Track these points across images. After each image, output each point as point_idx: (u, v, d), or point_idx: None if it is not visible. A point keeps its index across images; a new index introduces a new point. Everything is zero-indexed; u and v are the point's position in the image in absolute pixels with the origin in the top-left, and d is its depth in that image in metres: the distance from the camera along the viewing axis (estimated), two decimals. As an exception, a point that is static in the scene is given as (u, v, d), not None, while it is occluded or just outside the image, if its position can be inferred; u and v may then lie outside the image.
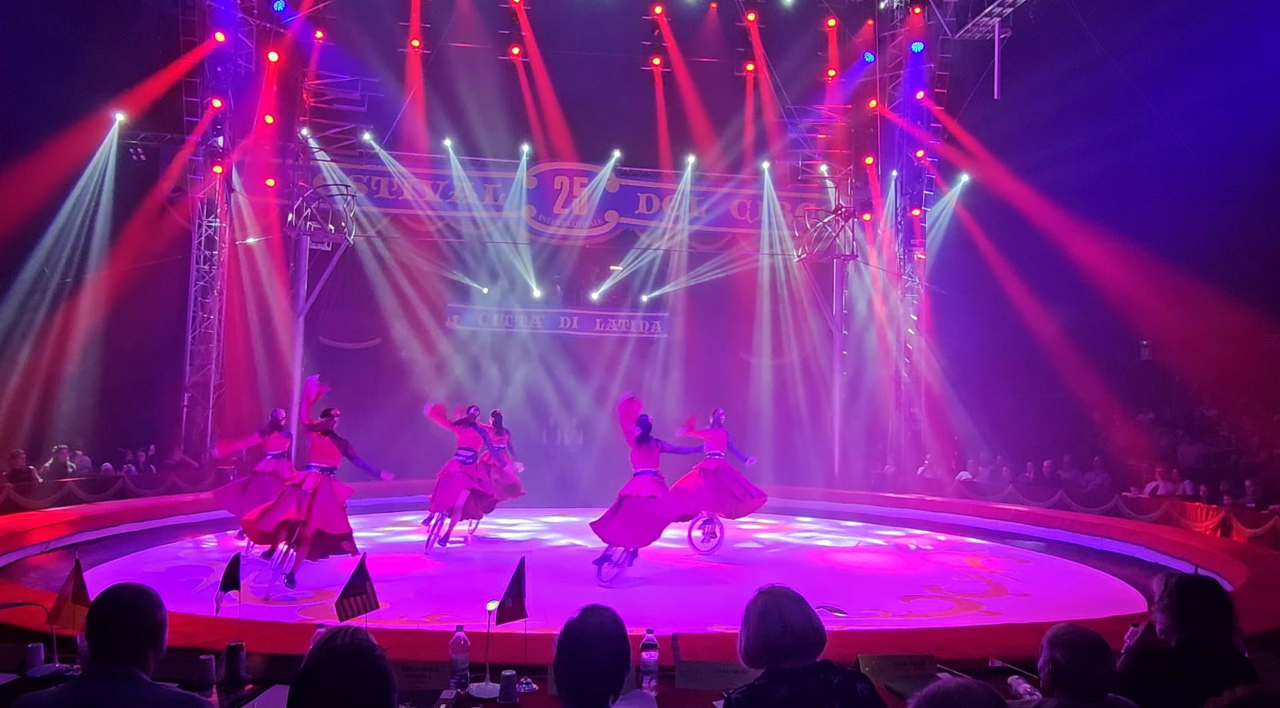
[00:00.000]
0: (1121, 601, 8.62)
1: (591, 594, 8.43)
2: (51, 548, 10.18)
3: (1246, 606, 5.59)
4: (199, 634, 4.73)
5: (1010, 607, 8.29)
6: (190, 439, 15.47)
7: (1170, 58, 14.54)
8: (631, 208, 18.19)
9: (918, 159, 17.61)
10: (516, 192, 17.78)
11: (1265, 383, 14.36)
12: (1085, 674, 2.53)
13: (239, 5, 15.84)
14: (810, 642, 2.46)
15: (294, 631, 5.67)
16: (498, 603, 4.03)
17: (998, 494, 14.68)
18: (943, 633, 5.83)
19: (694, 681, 4.01)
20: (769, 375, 18.34)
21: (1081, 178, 15.35)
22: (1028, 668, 3.93)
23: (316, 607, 7.47)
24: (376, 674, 1.80)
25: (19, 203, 13.20)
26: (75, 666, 3.93)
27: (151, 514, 12.23)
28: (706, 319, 18.67)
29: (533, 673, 3.98)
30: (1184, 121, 14.30)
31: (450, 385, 17.21)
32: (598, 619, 2.26)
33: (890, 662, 4.16)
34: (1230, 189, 14.31)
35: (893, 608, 8.15)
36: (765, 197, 18.28)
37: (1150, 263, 14.47)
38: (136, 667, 2.36)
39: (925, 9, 17.00)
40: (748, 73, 18.08)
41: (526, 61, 17.49)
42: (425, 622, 7.11)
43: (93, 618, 2.40)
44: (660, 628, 4.32)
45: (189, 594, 7.92)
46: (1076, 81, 15.36)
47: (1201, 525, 11.51)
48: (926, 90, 17.27)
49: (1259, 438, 14.26)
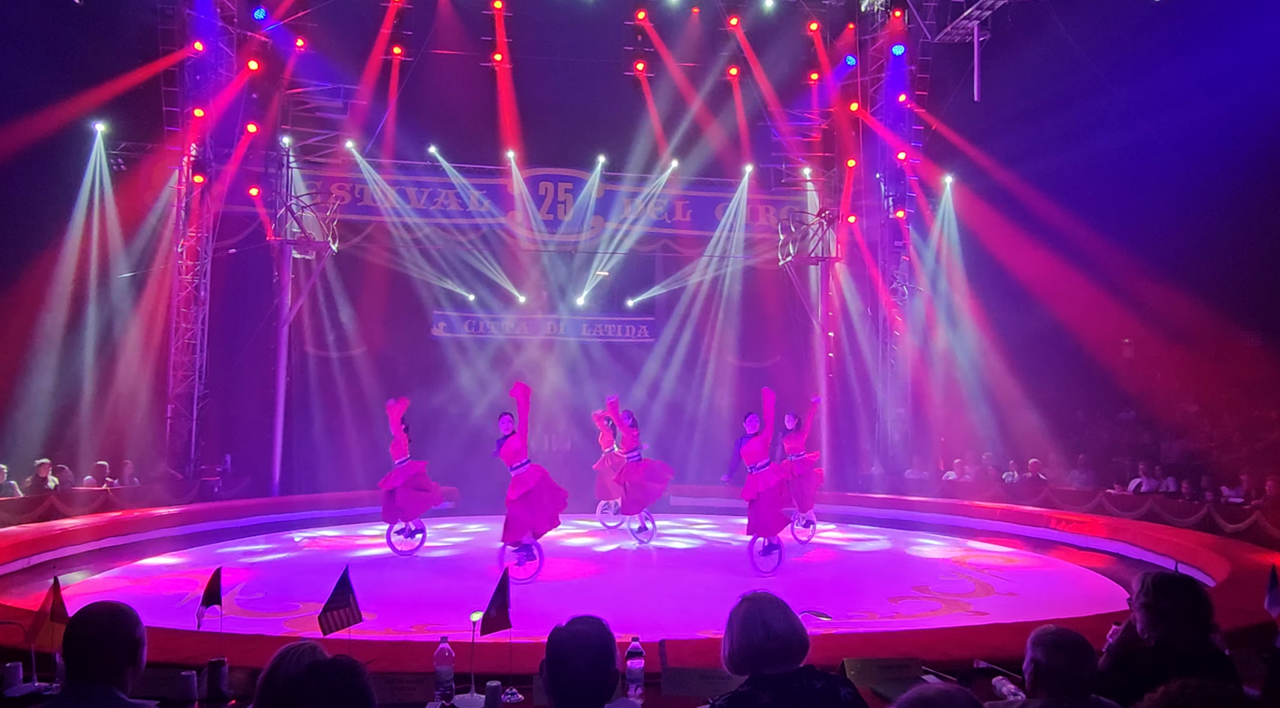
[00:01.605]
0: (1106, 599, 8.67)
1: (581, 602, 8.41)
2: (33, 563, 10.06)
3: (1227, 602, 5.65)
4: (181, 650, 4.68)
5: (997, 606, 8.33)
6: (174, 451, 15.33)
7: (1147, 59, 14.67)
8: (617, 212, 18.19)
9: (900, 161, 17.71)
10: (500, 198, 17.76)
11: (1245, 379, 14.49)
12: (1068, 675, 2.55)
13: (218, 14, 15.75)
14: (794, 647, 2.47)
15: (277, 645, 5.61)
16: (482, 614, 4.01)
17: (984, 494, 14.76)
18: (928, 634, 5.85)
19: (680, 688, 4.00)
20: (755, 379, 18.36)
21: (1060, 178, 15.47)
22: (1013, 669, 3.95)
23: (302, 619, 7.41)
24: (354, 691, 1.79)
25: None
26: (55, 684, 3.88)
27: (135, 528, 12.11)
28: (693, 323, 18.68)
29: (518, 683, 3.97)
30: (1158, 120, 14.45)
31: (434, 392, 17.14)
32: (581, 628, 2.27)
33: (875, 665, 4.17)
34: (1207, 186, 14.45)
35: (880, 609, 8.18)
36: (749, 200, 18.33)
37: (1130, 261, 14.61)
38: (114, 686, 2.34)
39: (905, 12, 17.11)
40: (730, 77, 18.14)
41: (509, 68, 17.48)
42: (412, 632, 7.07)
43: (69, 637, 2.38)
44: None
45: (172, 609, 7.84)
46: (1054, 83, 15.49)
47: (1184, 521, 11.60)
48: (908, 93, 17.38)
49: (1240, 434, 14.40)
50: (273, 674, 2.36)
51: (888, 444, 17.44)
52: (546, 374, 17.81)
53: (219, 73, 15.93)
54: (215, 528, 13.12)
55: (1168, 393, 16.41)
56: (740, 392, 18.26)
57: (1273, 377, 13.84)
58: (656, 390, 18.13)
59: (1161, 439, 15.15)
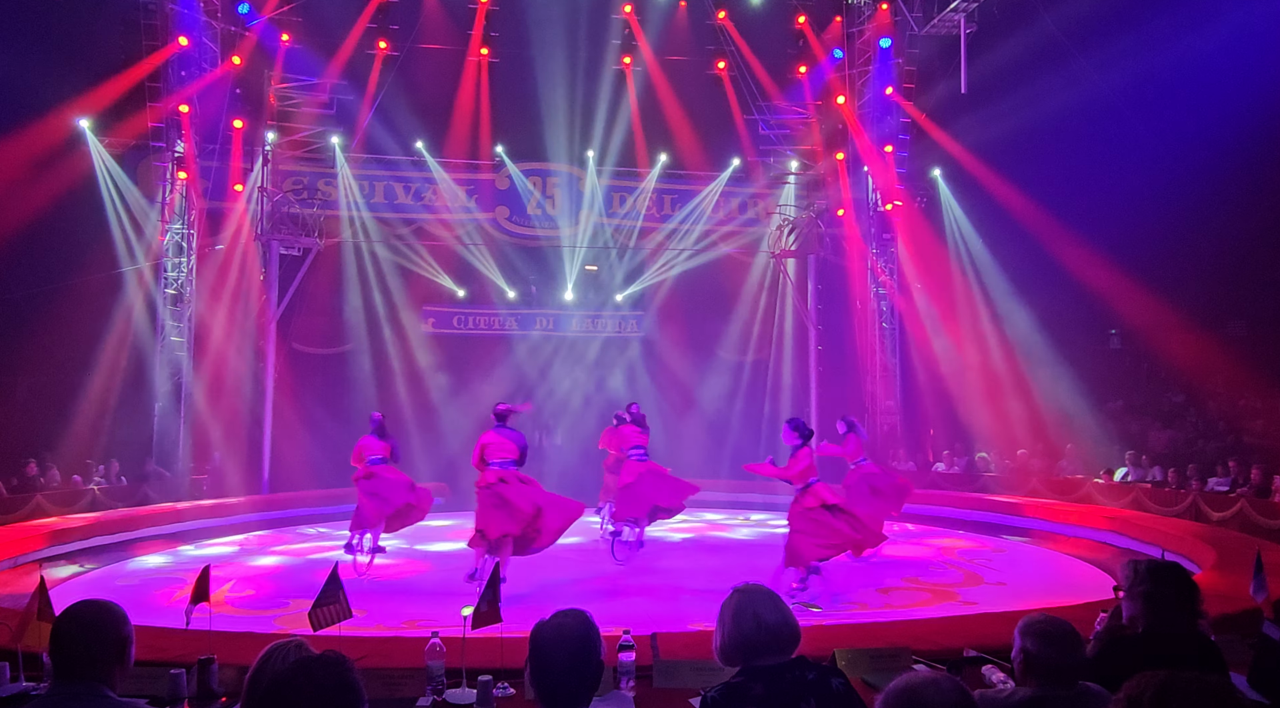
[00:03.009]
0: (1093, 586, 8.73)
1: (577, 593, 8.42)
2: (20, 563, 9.98)
3: (1214, 588, 5.71)
4: (170, 648, 4.66)
5: (986, 596, 8.38)
6: (162, 449, 15.24)
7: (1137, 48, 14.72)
8: (605, 207, 18.15)
9: (887, 154, 17.74)
10: (488, 192, 17.69)
11: (1230, 368, 14.61)
12: (1057, 663, 2.57)
13: (202, 9, 15.61)
14: (785, 639, 2.48)
15: (267, 642, 5.59)
16: (473, 609, 4.01)
17: (972, 485, 14.84)
18: (918, 624, 5.88)
19: (672, 680, 4.01)
20: (745, 372, 18.40)
21: (1047, 168, 15.54)
22: (1002, 657, 3.97)
23: (292, 617, 7.39)
24: (345, 687, 1.79)
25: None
26: (43, 684, 3.85)
27: (123, 526, 12.04)
28: (682, 317, 18.68)
29: (510, 677, 3.97)
30: (1144, 110, 14.53)
31: (424, 388, 17.11)
32: (561, 621, 2.28)
33: (866, 655, 4.19)
34: (1192, 173, 14.52)
35: (870, 600, 8.22)
36: (738, 193, 18.33)
37: (1116, 251, 14.68)
38: (102, 684, 2.33)
39: (892, 5, 17.12)
40: (718, 70, 18.12)
41: (495, 62, 17.40)
42: (404, 628, 7.06)
43: (56, 636, 2.36)
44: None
45: (161, 607, 7.80)
46: (1042, 74, 15.54)
47: (1170, 510, 11.70)
48: (895, 85, 17.40)
49: (1225, 423, 14.52)
50: (259, 672, 2.35)
51: (877, 437, 17.49)
52: (537, 369, 17.80)
53: (203, 68, 15.81)
54: (203, 526, 13.06)
55: (1154, 383, 16.53)
56: (729, 385, 18.28)
57: (1257, 366, 13.95)
58: (646, 384, 18.12)
59: (1148, 429, 15.26)
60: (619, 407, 12.54)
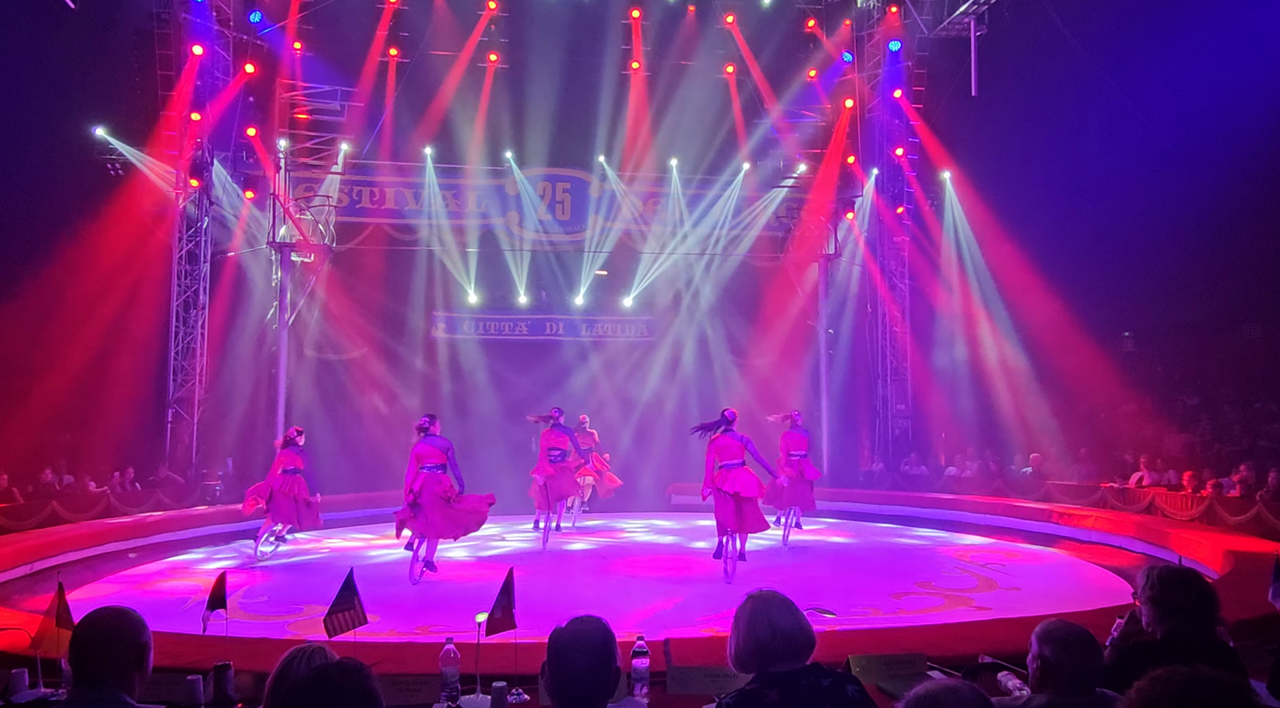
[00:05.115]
0: (1109, 592, 8.67)
1: (586, 602, 8.42)
2: (36, 569, 10.05)
3: (1230, 594, 5.64)
4: (186, 654, 4.68)
5: (1000, 601, 8.33)
6: (175, 455, 15.33)
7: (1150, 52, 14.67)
8: (615, 212, 18.18)
9: (898, 157, 17.70)
10: (499, 198, 17.75)
11: (1245, 371, 14.50)
12: (1073, 669, 2.55)
13: (215, 18, 15.74)
14: (800, 645, 2.47)
15: (283, 648, 5.61)
16: (487, 614, 4.01)
17: (985, 488, 14.76)
18: (933, 630, 5.85)
19: (686, 686, 4.00)
20: (756, 376, 18.36)
21: (1060, 171, 15.49)
22: (1017, 663, 3.95)
23: (306, 622, 7.42)
24: (362, 694, 1.79)
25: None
26: (61, 690, 3.88)
27: (137, 532, 12.10)
28: (692, 321, 18.66)
29: (524, 683, 3.97)
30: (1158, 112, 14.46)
31: (436, 393, 17.14)
32: (580, 627, 2.28)
33: (880, 661, 4.17)
34: (1209, 177, 14.45)
35: (884, 606, 8.18)
36: (747, 197, 18.32)
37: (1129, 253, 14.61)
38: (121, 690, 2.34)
39: (902, 8, 17.10)
40: (727, 74, 18.13)
41: (505, 68, 17.46)
42: (417, 633, 7.07)
43: (76, 643, 2.38)
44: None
45: (176, 613, 7.84)
46: (1054, 77, 15.50)
47: (1186, 514, 11.61)
48: (905, 88, 17.38)
49: (1241, 427, 14.40)
50: (281, 677, 2.36)
51: (889, 440, 17.44)
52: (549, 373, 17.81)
53: (215, 76, 15.93)
54: (218, 532, 13.12)
55: (1169, 386, 16.41)
56: (741, 389, 18.24)
57: (1273, 368, 13.84)
58: (656, 388, 18.10)
59: (1163, 432, 15.15)
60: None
